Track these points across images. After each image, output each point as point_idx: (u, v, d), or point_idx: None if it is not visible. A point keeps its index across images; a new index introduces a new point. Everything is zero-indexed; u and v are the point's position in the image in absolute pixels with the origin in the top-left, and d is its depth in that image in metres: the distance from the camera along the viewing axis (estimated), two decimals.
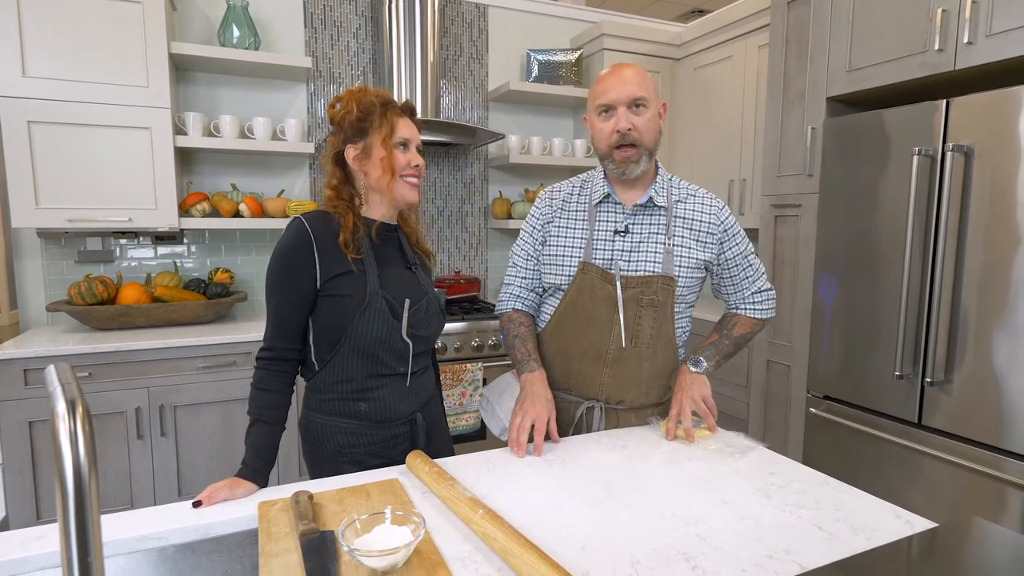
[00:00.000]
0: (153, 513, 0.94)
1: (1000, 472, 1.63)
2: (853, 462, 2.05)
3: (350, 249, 1.17)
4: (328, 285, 1.17)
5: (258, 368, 1.17)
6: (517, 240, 1.45)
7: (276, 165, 2.80)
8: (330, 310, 1.17)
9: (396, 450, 1.25)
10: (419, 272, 1.30)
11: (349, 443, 1.21)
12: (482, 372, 2.60)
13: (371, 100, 1.20)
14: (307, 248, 1.16)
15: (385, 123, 1.20)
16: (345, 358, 1.18)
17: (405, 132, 1.23)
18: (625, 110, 1.25)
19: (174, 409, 2.22)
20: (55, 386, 0.52)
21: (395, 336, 1.19)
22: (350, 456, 1.21)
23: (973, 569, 0.77)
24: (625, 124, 1.24)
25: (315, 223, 1.18)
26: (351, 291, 1.17)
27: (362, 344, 1.17)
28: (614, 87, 1.26)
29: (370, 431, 1.22)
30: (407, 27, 2.71)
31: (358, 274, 1.18)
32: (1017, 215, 1.60)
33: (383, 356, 1.19)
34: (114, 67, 2.23)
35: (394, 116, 1.22)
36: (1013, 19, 1.62)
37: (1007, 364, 1.63)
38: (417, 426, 1.26)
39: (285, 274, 1.17)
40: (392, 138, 1.20)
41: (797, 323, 2.34)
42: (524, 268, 1.42)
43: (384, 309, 1.18)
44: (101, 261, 2.56)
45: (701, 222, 1.33)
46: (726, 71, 2.93)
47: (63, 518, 0.45)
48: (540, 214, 1.40)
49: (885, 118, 1.91)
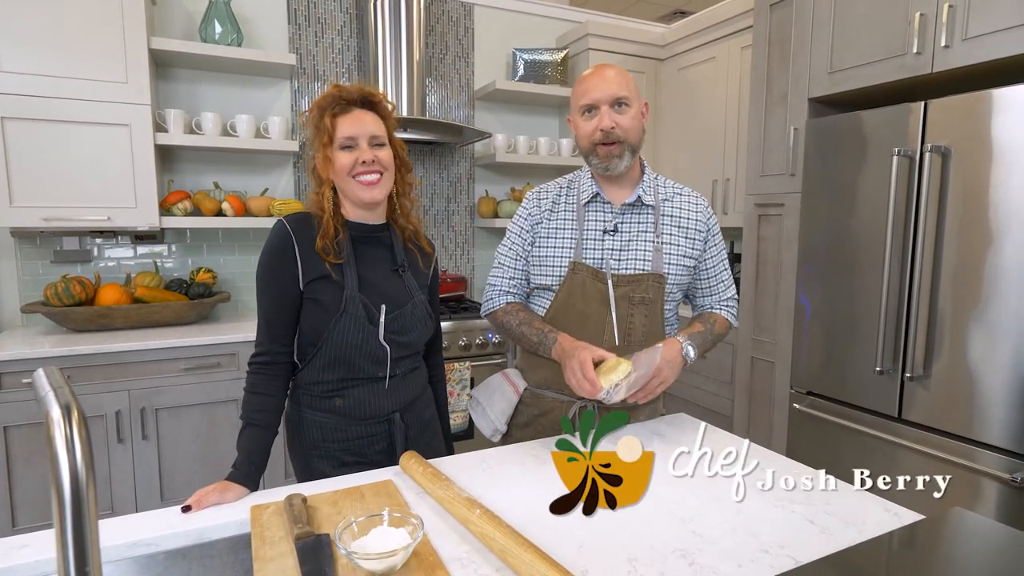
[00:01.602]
0: (141, 519, 0.92)
1: (974, 463, 1.68)
2: (835, 456, 2.08)
3: (329, 255, 1.15)
4: (310, 287, 1.16)
5: (251, 372, 1.16)
6: (503, 241, 1.43)
7: (259, 163, 2.76)
8: (310, 313, 1.16)
9: (372, 448, 1.23)
10: (407, 275, 1.27)
11: (323, 438, 1.20)
12: (470, 371, 2.60)
13: (315, 112, 1.18)
14: (289, 250, 1.15)
15: (323, 130, 1.17)
16: (321, 360, 1.17)
17: (346, 131, 1.16)
18: (608, 109, 1.27)
19: (156, 412, 2.18)
20: (46, 391, 0.51)
21: (371, 341, 1.17)
22: (323, 450, 1.20)
23: (961, 558, 0.78)
24: (608, 122, 1.26)
25: (297, 225, 1.17)
26: (329, 295, 1.15)
27: (338, 349, 1.16)
28: (596, 87, 1.27)
29: (345, 427, 1.20)
30: (392, 25, 2.69)
31: (337, 278, 1.16)
32: (989, 214, 1.64)
33: (358, 361, 1.17)
34: (92, 62, 2.18)
35: (331, 118, 1.16)
36: (987, 24, 1.66)
37: (981, 358, 1.67)
38: (394, 426, 1.23)
39: (270, 277, 1.16)
40: (332, 144, 1.17)
41: (780, 320, 2.37)
42: (512, 268, 1.41)
43: (360, 314, 1.16)
44: (78, 261, 2.50)
45: (688, 219, 1.35)
46: (709, 72, 2.96)
47: (60, 527, 0.44)
48: (528, 215, 1.39)
49: (865, 119, 1.95)
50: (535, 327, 1.31)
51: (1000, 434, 1.64)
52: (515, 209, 3.05)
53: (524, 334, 1.33)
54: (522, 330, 1.33)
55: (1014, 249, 1.60)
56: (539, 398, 1.39)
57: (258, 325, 1.18)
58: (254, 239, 2.79)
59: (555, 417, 1.36)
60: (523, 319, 1.35)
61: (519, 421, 1.41)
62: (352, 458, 1.21)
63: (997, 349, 1.64)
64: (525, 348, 1.37)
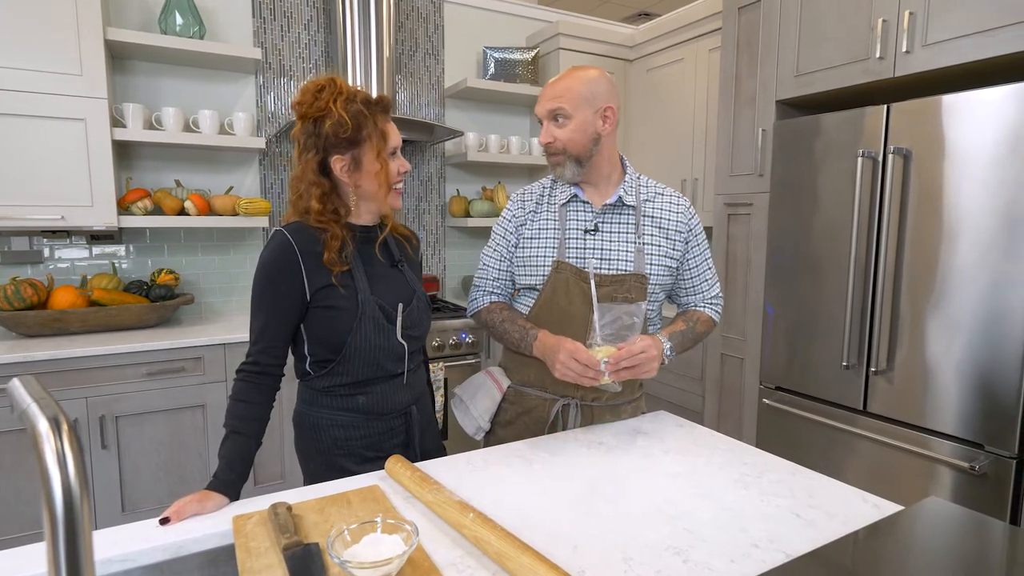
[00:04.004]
0: (116, 533, 0.88)
1: (935, 453, 1.75)
2: (802, 449, 2.14)
3: (336, 266, 1.14)
4: (318, 296, 1.14)
5: (240, 380, 1.12)
6: (488, 243, 1.44)
7: (223, 161, 2.68)
8: (325, 322, 1.15)
9: (391, 442, 1.25)
10: (406, 269, 1.28)
11: (346, 436, 1.21)
12: (443, 372, 2.57)
13: (359, 109, 1.13)
14: (294, 263, 1.12)
15: (376, 133, 1.15)
16: (344, 367, 1.18)
17: (395, 139, 1.20)
18: (548, 123, 1.30)
19: (116, 420, 2.08)
20: (28, 402, 0.47)
21: (391, 340, 1.19)
22: (346, 448, 1.21)
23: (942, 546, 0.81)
24: (545, 137, 1.30)
25: (298, 235, 1.14)
26: (343, 302, 1.15)
27: (363, 352, 1.17)
28: (541, 100, 1.30)
29: (367, 423, 1.22)
30: (361, 20, 2.64)
31: (347, 283, 1.16)
32: (945, 214, 1.72)
33: (381, 360, 1.19)
34: (43, 53, 2.07)
35: (384, 123, 1.17)
36: (946, 31, 1.73)
37: (940, 352, 1.74)
38: (412, 419, 1.27)
39: (272, 289, 1.13)
40: (386, 150, 1.17)
41: (750, 318, 2.43)
42: (496, 269, 1.42)
43: (379, 316, 1.17)
44: (28, 262, 2.38)
45: (670, 220, 1.36)
46: (677, 73, 3.00)
47: (52, 545, 0.41)
48: (513, 216, 1.40)
49: (831, 121, 2.00)
50: (517, 324, 1.33)
51: (958, 424, 1.71)
52: (486, 208, 3.07)
53: (507, 331, 1.34)
54: (504, 327, 1.35)
55: (968, 248, 1.67)
56: (522, 396, 1.39)
57: (252, 334, 1.14)
58: (218, 239, 2.70)
59: (538, 415, 1.36)
60: (506, 317, 1.36)
61: (502, 419, 1.40)
62: (373, 453, 1.22)
63: (954, 343, 1.71)
64: (508, 346, 1.38)
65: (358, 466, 1.19)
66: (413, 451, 1.28)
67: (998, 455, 1.63)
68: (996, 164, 1.61)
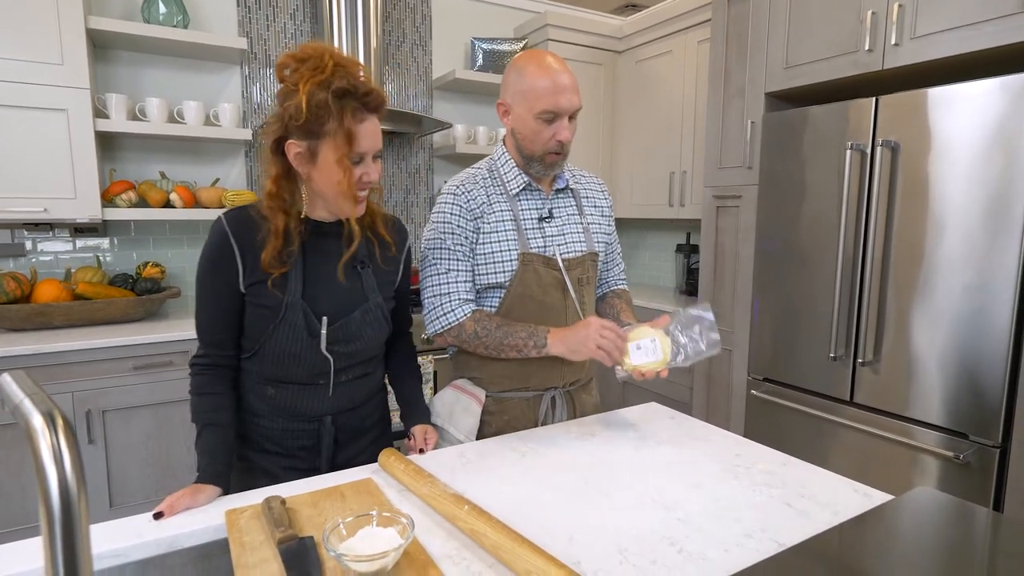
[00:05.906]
0: (109, 528, 0.87)
1: (920, 443, 1.78)
2: (790, 440, 2.17)
3: (274, 267, 1.04)
4: (251, 290, 1.07)
5: (195, 375, 1.10)
6: (439, 246, 1.27)
7: (209, 152, 2.64)
8: (251, 316, 1.09)
9: (295, 443, 1.15)
10: (366, 273, 1.15)
11: (251, 420, 1.15)
12: (432, 365, 2.57)
13: (324, 100, 0.97)
14: (227, 251, 1.05)
15: (340, 132, 0.99)
16: (258, 361, 1.12)
17: (365, 144, 1.02)
18: (567, 120, 1.24)
19: (103, 414, 2.06)
20: (20, 397, 0.47)
21: (310, 353, 1.09)
22: (246, 430, 1.15)
23: (933, 535, 0.83)
24: (568, 135, 1.24)
25: (237, 225, 1.06)
26: (269, 301, 1.06)
27: (275, 355, 1.10)
28: (563, 93, 1.21)
29: (271, 415, 1.14)
30: (348, 10, 2.61)
31: (280, 282, 1.06)
32: (932, 206, 1.74)
33: (295, 370, 1.11)
34: (23, 42, 2.02)
35: (355, 123, 1.00)
36: (934, 24, 1.75)
37: (926, 343, 1.77)
38: (324, 428, 1.16)
39: (209, 280, 1.08)
40: (350, 154, 1.01)
41: (738, 310, 2.44)
42: (465, 272, 1.28)
43: (300, 323, 1.07)
44: (10, 256, 2.33)
45: (599, 200, 1.44)
46: (666, 65, 3.00)
47: (49, 542, 0.41)
48: (468, 211, 1.27)
49: (820, 114, 2.02)
50: (516, 325, 1.25)
51: (943, 415, 1.74)
52: None
53: (508, 335, 1.23)
54: (504, 332, 1.24)
55: (954, 240, 1.70)
56: (504, 403, 1.33)
57: (198, 326, 1.10)
58: (204, 232, 2.67)
59: (527, 416, 1.34)
60: (500, 323, 1.25)
61: (488, 432, 1.32)
62: (273, 446, 1.15)
63: (940, 335, 1.74)
64: (503, 355, 1.26)
65: (255, 453, 1.14)
66: (320, 458, 1.17)
67: (982, 444, 1.67)
68: (981, 157, 1.63)
